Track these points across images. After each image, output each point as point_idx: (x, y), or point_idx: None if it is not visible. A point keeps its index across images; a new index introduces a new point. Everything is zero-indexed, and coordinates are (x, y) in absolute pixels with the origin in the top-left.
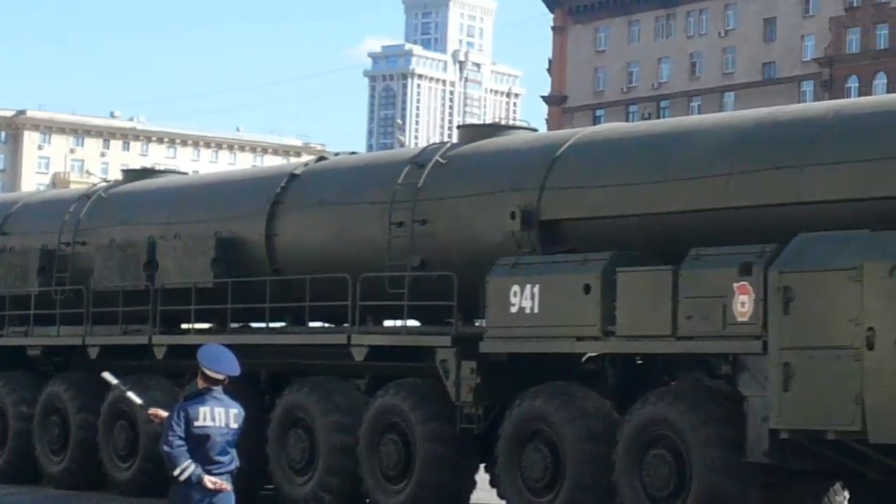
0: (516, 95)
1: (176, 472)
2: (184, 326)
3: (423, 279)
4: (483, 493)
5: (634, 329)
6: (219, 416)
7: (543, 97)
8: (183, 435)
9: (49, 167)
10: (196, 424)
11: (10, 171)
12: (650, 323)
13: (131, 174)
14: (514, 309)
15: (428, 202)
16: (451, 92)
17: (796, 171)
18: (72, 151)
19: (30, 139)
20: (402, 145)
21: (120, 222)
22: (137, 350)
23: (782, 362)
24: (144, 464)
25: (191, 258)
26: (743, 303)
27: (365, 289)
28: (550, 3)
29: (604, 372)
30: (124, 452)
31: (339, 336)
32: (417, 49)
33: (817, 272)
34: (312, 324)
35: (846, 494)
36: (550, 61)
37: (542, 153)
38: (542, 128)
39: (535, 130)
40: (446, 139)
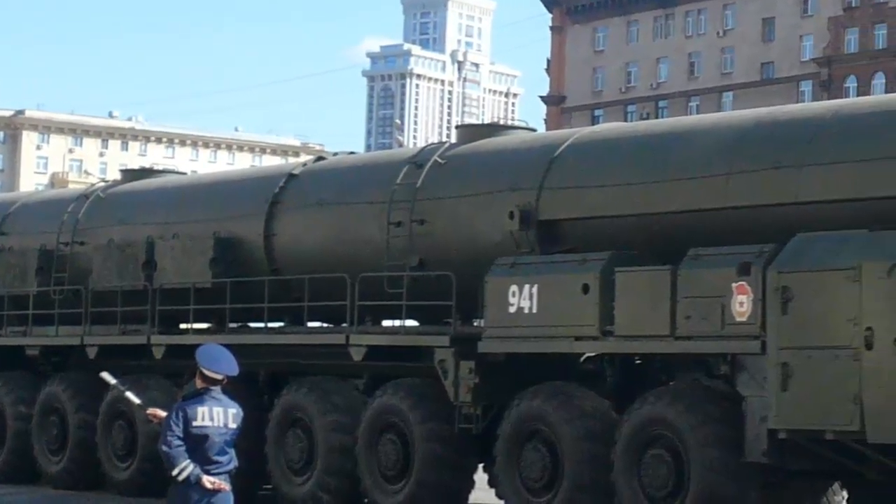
0: (515, 95)
1: (174, 472)
2: (182, 326)
3: (422, 279)
4: (481, 493)
5: (633, 329)
6: (217, 416)
7: (542, 97)
8: (181, 435)
9: (47, 167)
10: (194, 424)
11: (9, 171)
12: (649, 323)
13: (130, 174)
14: (513, 309)
15: (426, 202)
16: (450, 92)
17: (795, 171)
18: (70, 151)
19: (28, 139)
20: (401, 145)
21: (118, 222)
22: (136, 350)
23: (781, 362)
24: (143, 464)
25: (189, 258)
26: (741, 303)
27: (363, 289)
28: (549, 3)
29: (602, 372)
30: (123, 452)
31: (338, 336)
32: (416, 49)
33: (816, 272)
34: (311, 324)
35: (845, 494)
36: (549, 61)
37: (541, 153)
38: (541, 128)
39: (534, 130)
40: (445, 139)
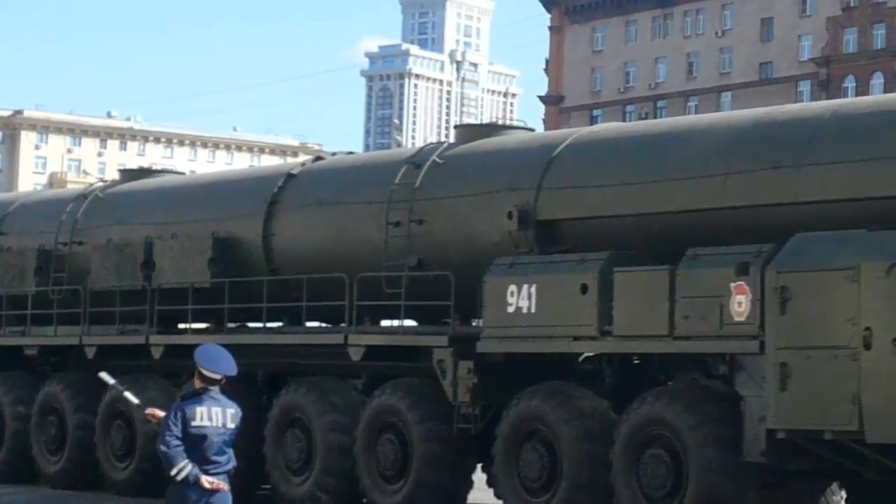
0: (513, 95)
1: (173, 472)
2: (181, 326)
3: (421, 279)
4: (480, 493)
5: (631, 329)
6: (216, 416)
7: (540, 97)
8: (180, 435)
9: (46, 167)
10: (193, 424)
11: (7, 171)
12: (647, 323)
13: (128, 174)
14: (512, 309)
15: (425, 202)
16: (448, 92)
17: (793, 171)
18: (69, 151)
19: (27, 139)
20: (400, 145)
21: (117, 222)
22: (134, 350)
23: (779, 362)
24: (141, 464)
25: (188, 258)
26: (740, 303)
27: (362, 289)
28: (547, 3)
29: (601, 372)
30: (121, 452)
31: (336, 336)
32: (414, 49)
33: (814, 272)
34: (309, 324)
35: (843, 494)
36: (547, 61)
37: (539, 153)
38: (539, 128)
39: (532, 130)
40: (443, 139)
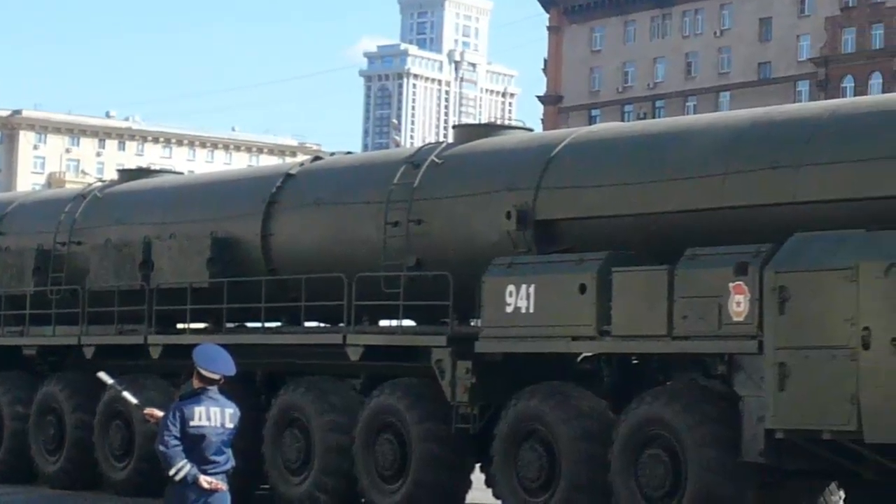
0: (512, 95)
1: (171, 472)
2: (179, 326)
3: (419, 279)
4: (478, 493)
5: (630, 329)
6: (214, 416)
7: (539, 97)
8: (178, 435)
9: (45, 167)
10: (192, 424)
11: (6, 171)
12: (646, 323)
13: (127, 174)
14: (510, 309)
15: (423, 202)
16: (447, 92)
17: (792, 171)
18: (67, 151)
19: (25, 139)
20: (398, 145)
21: (115, 222)
22: (133, 350)
23: (778, 362)
24: (140, 464)
25: (186, 258)
26: (738, 303)
27: (360, 289)
28: (546, 3)
29: (599, 372)
30: (120, 452)
31: (335, 336)
32: (413, 49)
33: (813, 272)
34: (308, 324)
35: (842, 494)
36: (546, 61)
37: (538, 153)
38: (538, 128)
39: (531, 130)
40: (442, 139)
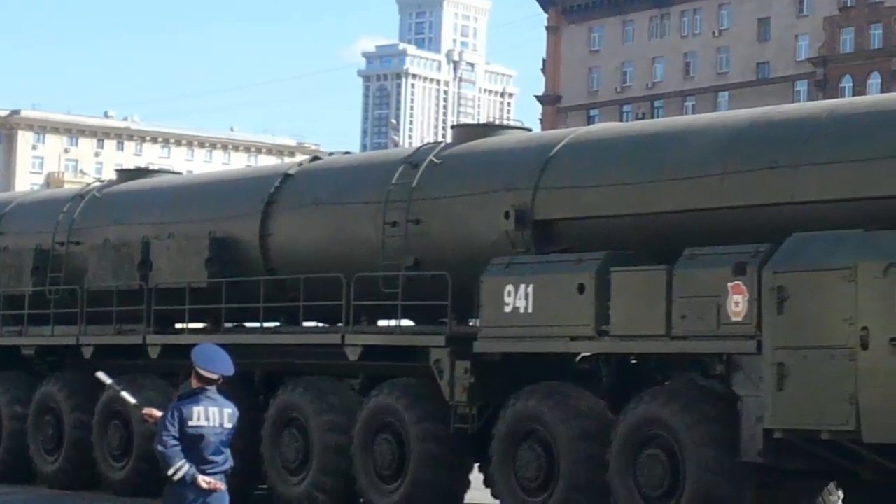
0: (510, 95)
1: (170, 472)
2: (178, 326)
3: (418, 279)
4: (477, 493)
5: (628, 329)
6: (213, 416)
7: (537, 97)
8: (177, 435)
9: (43, 167)
10: (190, 424)
11: (5, 171)
12: (644, 323)
13: (125, 174)
14: (509, 309)
15: (422, 202)
16: (446, 92)
17: (790, 171)
18: (66, 151)
19: (24, 139)
20: (397, 145)
21: (114, 222)
22: (131, 350)
23: (776, 362)
24: (138, 464)
25: (185, 258)
26: (737, 302)
27: (359, 288)
28: (544, 3)
29: (598, 372)
30: (118, 452)
31: (334, 336)
32: (411, 49)
33: (811, 272)
34: (306, 324)
35: (840, 494)
36: (544, 61)
37: (536, 153)
38: (536, 127)
39: (530, 130)
40: (440, 139)
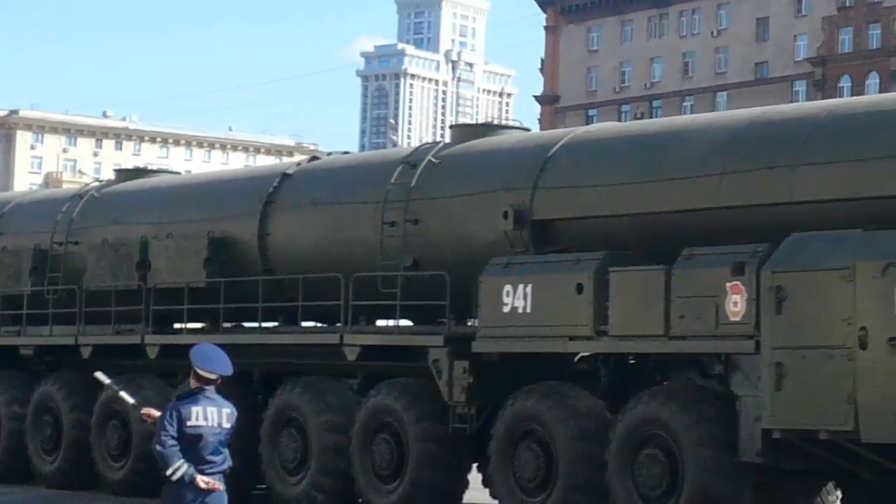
0: (509, 95)
1: (168, 472)
2: (176, 326)
3: (416, 279)
4: (475, 493)
5: (627, 329)
6: (211, 416)
7: (536, 97)
8: (175, 434)
9: (41, 167)
10: (188, 424)
11: (3, 171)
12: (643, 323)
13: (124, 174)
14: (507, 309)
15: (420, 202)
16: (444, 91)
17: (789, 171)
18: (64, 151)
19: (22, 139)
20: (395, 145)
21: (112, 222)
22: (130, 350)
23: (775, 362)
24: (137, 463)
25: (183, 258)
26: (735, 302)
27: (357, 288)
28: (543, 3)
29: (596, 371)
30: (117, 452)
31: (332, 336)
32: (410, 49)
33: (810, 272)
34: (305, 323)
35: (839, 494)
36: (543, 61)
37: (535, 153)
38: (535, 127)
39: (528, 130)
40: (439, 139)
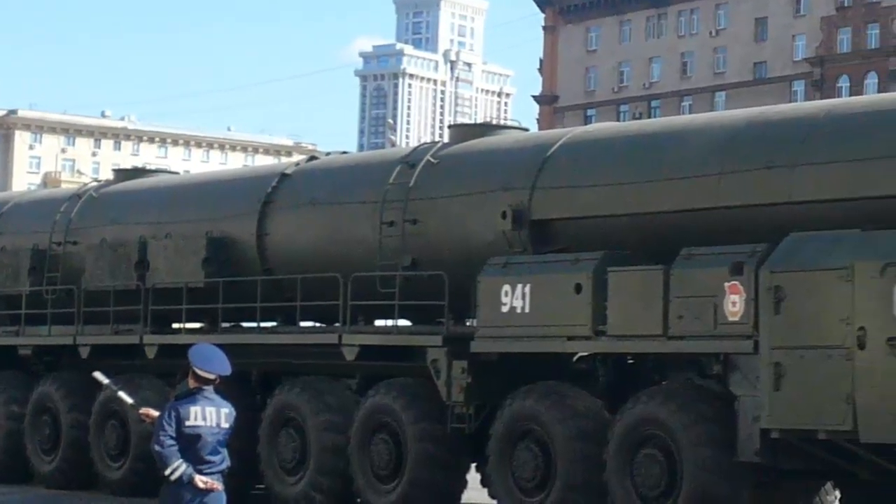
0: (507, 95)
1: (167, 472)
2: (175, 326)
3: (415, 279)
4: (474, 493)
5: (625, 329)
6: (210, 416)
7: (534, 97)
8: (174, 434)
9: (40, 167)
10: (187, 424)
11: (1, 171)
12: (641, 322)
13: (122, 174)
14: (506, 308)
15: (419, 202)
16: (443, 91)
17: (787, 171)
18: (63, 151)
19: (21, 139)
20: (394, 145)
21: (111, 222)
22: (128, 350)
23: (773, 362)
24: (135, 463)
25: (182, 258)
26: (734, 302)
27: (356, 288)
28: (541, 3)
29: (595, 371)
30: (115, 452)
31: (331, 336)
32: (408, 49)
33: (808, 272)
34: (303, 323)
35: (837, 494)
36: (541, 61)
37: (534, 153)
38: (534, 127)
39: (527, 130)
40: (437, 139)
